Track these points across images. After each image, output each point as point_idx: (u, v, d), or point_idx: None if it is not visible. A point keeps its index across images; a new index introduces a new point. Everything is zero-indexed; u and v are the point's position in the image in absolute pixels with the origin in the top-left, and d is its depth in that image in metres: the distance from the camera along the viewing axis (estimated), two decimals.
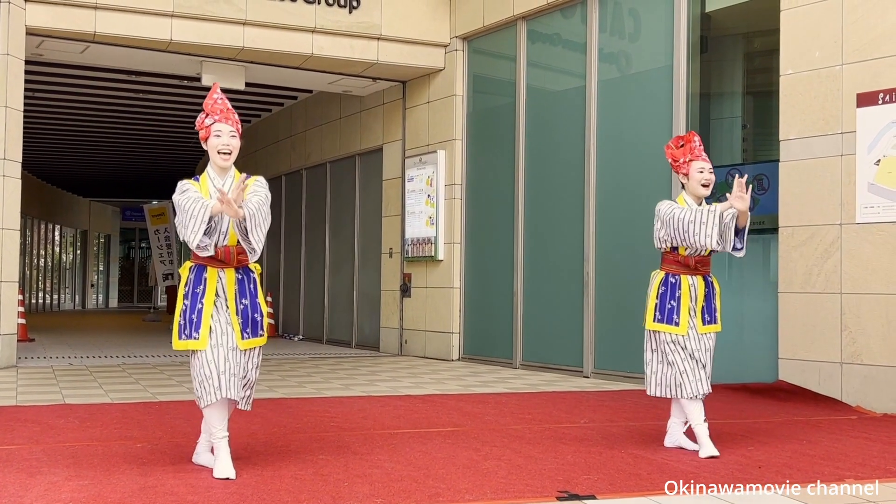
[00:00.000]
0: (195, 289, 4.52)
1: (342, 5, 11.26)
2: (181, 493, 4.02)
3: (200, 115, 4.65)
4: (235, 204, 4.29)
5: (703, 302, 5.34)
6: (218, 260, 4.54)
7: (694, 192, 5.33)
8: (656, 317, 5.31)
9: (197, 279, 4.53)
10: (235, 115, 4.67)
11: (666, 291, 5.31)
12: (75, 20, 10.11)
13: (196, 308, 4.48)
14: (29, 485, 4.15)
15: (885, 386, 6.98)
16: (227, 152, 4.56)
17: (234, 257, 4.56)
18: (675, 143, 5.45)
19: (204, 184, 4.59)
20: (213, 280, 4.52)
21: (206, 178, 4.61)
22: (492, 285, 11.25)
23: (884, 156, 7.06)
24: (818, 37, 7.54)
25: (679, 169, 5.38)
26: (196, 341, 4.45)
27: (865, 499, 4.13)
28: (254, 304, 4.60)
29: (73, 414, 6.41)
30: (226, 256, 4.55)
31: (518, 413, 6.82)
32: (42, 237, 29.82)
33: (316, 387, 8.52)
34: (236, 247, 4.56)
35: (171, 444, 5.23)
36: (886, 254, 7.03)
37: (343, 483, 4.27)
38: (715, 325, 5.38)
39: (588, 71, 9.89)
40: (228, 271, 4.56)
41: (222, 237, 4.53)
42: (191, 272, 4.56)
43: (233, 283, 4.56)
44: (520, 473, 4.54)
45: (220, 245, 4.54)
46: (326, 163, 15.30)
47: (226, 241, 4.54)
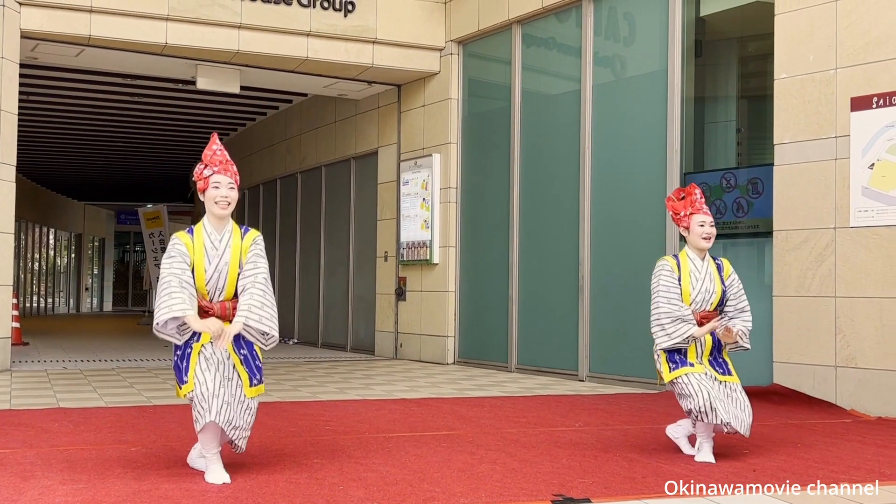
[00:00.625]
0: (191, 341, 4.46)
1: (337, 9, 11.27)
2: (176, 497, 4.01)
3: (199, 166, 4.60)
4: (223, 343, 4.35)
5: (708, 356, 5.26)
6: (215, 315, 4.50)
7: (695, 244, 5.26)
8: (671, 367, 5.19)
9: (194, 333, 4.46)
10: (234, 167, 4.62)
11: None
12: (70, 23, 10.10)
13: (186, 354, 4.44)
14: (23, 488, 4.14)
15: (880, 389, 7.00)
16: (226, 204, 4.51)
17: (230, 311, 4.51)
18: (675, 196, 5.40)
19: (199, 236, 4.51)
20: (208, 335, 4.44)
21: (202, 231, 4.52)
22: (487, 289, 11.25)
23: (878, 160, 7.08)
24: (812, 41, 7.56)
25: (679, 222, 5.34)
26: (187, 385, 4.39)
27: (865, 499, 4.14)
28: (252, 353, 4.57)
29: (67, 418, 6.40)
30: (222, 312, 4.51)
31: (513, 416, 6.82)
32: (36, 241, 29.77)
33: (311, 390, 8.51)
34: (232, 300, 4.53)
35: (165, 448, 5.22)
36: (880, 257, 7.04)
37: (338, 487, 4.26)
38: (730, 376, 5.24)
39: (583, 75, 9.91)
40: (225, 324, 4.50)
41: (219, 293, 4.51)
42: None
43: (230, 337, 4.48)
44: (515, 477, 4.54)
45: (217, 301, 4.51)
46: (321, 166, 15.30)
47: (222, 297, 4.52)
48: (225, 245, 4.50)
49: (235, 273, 4.51)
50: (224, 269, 4.49)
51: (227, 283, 4.50)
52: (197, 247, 4.48)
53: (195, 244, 4.49)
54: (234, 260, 4.51)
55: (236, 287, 4.51)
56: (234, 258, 4.51)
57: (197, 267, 4.46)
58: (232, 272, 4.51)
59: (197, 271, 4.46)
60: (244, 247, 4.55)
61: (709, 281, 5.26)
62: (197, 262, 4.46)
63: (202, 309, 4.48)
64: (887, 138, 7.03)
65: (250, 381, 4.50)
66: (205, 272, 4.46)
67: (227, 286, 4.50)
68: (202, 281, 4.47)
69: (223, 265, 4.49)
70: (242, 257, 4.53)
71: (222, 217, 4.54)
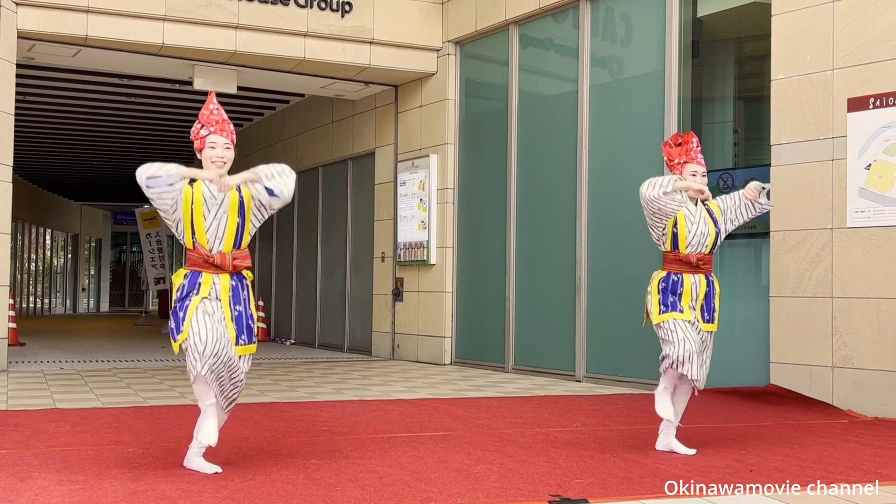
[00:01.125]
0: (189, 293, 4.52)
1: (335, 9, 11.27)
2: (173, 498, 4.01)
3: (196, 125, 4.65)
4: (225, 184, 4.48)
5: (703, 300, 5.37)
6: (213, 265, 4.55)
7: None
8: (661, 309, 5.29)
9: (191, 284, 4.54)
10: (231, 126, 4.69)
11: (667, 287, 5.32)
12: (67, 24, 10.09)
13: (185, 307, 4.50)
14: (20, 489, 4.14)
15: (876, 390, 7.00)
16: (222, 163, 4.58)
17: (229, 262, 4.57)
18: (672, 141, 5.45)
19: (198, 186, 4.58)
20: (208, 285, 4.54)
21: (202, 184, 4.59)
22: (484, 289, 11.26)
23: (874, 160, 7.09)
24: (809, 42, 7.57)
25: (673, 169, 5.40)
26: (182, 334, 4.45)
27: (865, 499, 4.14)
28: (247, 312, 4.64)
29: (64, 418, 6.40)
30: (221, 262, 4.56)
31: (510, 417, 6.82)
32: (33, 241, 29.73)
33: (308, 391, 8.51)
34: (231, 252, 4.57)
35: (162, 449, 5.21)
36: (877, 258, 7.05)
37: (335, 487, 4.26)
38: (711, 324, 5.39)
39: (580, 75, 9.91)
40: (223, 277, 4.58)
41: (218, 242, 4.56)
42: (185, 279, 4.57)
43: (227, 289, 4.58)
44: (512, 477, 4.54)
45: (217, 251, 4.56)
46: (318, 167, 15.30)
47: (221, 247, 4.57)
48: (224, 195, 4.57)
49: (235, 223, 4.59)
50: (223, 217, 4.57)
51: (227, 233, 4.57)
52: (196, 196, 4.54)
53: (195, 193, 4.55)
54: (233, 209, 4.58)
55: (235, 238, 4.58)
56: (233, 207, 4.58)
57: (196, 215, 4.53)
58: (231, 221, 4.58)
59: (196, 220, 4.53)
60: (245, 191, 4.62)
61: (703, 224, 5.38)
62: (196, 210, 4.53)
63: (204, 259, 4.54)
64: (884, 139, 7.04)
65: (237, 339, 4.54)
66: (204, 219, 4.54)
67: (227, 236, 4.57)
68: (202, 229, 4.54)
69: (222, 213, 4.57)
70: (247, 201, 4.60)
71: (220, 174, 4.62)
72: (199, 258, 4.55)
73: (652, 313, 5.34)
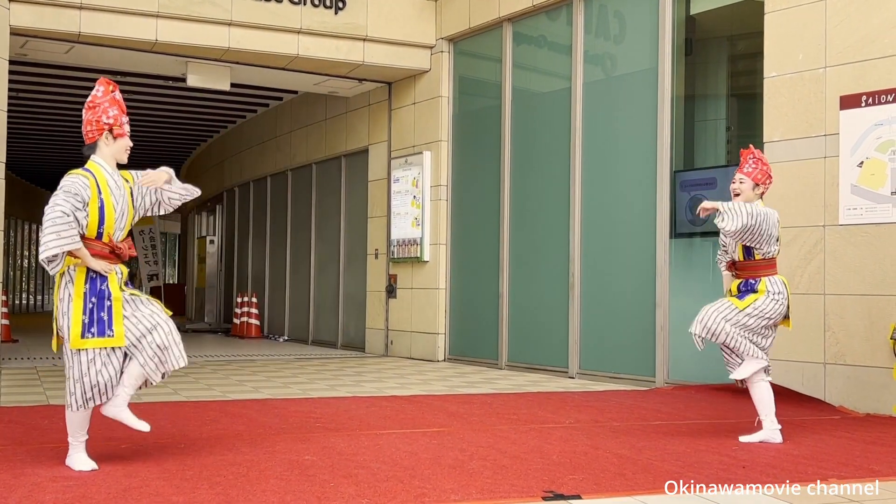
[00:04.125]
0: (100, 286, 4.51)
1: (328, 6, 11.25)
2: (166, 494, 4.00)
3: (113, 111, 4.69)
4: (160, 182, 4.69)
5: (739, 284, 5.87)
6: (117, 255, 4.62)
7: None
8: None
9: (101, 277, 4.53)
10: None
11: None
12: (60, 20, 10.06)
13: (105, 306, 4.50)
14: (13, 486, 4.13)
15: (868, 386, 7.02)
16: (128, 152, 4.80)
17: (127, 252, 4.67)
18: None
19: (101, 176, 4.59)
20: (114, 276, 4.57)
21: (102, 171, 4.62)
22: (477, 286, 11.26)
23: (867, 158, 7.10)
24: (802, 40, 7.58)
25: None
26: (111, 338, 4.49)
27: (865, 499, 4.15)
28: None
29: (57, 414, 6.36)
30: (123, 252, 4.64)
31: (503, 413, 6.83)
32: (26, 238, 29.66)
33: (301, 387, 8.51)
34: (126, 239, 4.68)
35: (155, 445, 5.20)
36: (869, 255, 7.07)
37: (329, 483, 4.26)
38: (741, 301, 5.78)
39: (573, 73, 9.91)
40: (122, 266, 4.68)
41: (120, 232, 4.63)
42: (90, 270, 4.52)
43: (125, 277, 4.69)
44: (505, 474, 4.54)
45: (119, 240, 4.62)
46: (312, 164, 15.28)
47: (121, 236, 4.64)
48: (122, 187, 4.66)
49: (132, 214, 4.72)
50: (125, 207, 4.66)
51: (127, 223, 4.68)
52: (102, 186, 4.58)
53: (100, 184, 4.57)
54: (129, 199, 4.70)
55: (129, 229, 4.72)
56: (129, 198, 4.70)
57: (107, 206, 4.56)
58: (130, 211, 4.69)
59: (108, 210, 4.56)
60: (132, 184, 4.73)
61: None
62: (106, 200, 4.56)
63: (112, 249, 4.58)
64: (876, 136, 7.05)
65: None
66: (114, 210, 4.58)
67: (126, 226, 4.68)
68: (112, 219, 4.57)
69: (125, 204, 4.65)
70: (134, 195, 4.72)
71: (122, 162, 4.75)
72: (104, 248, 4.55)
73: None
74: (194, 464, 4.67)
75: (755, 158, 5.82)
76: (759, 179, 5.78)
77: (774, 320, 5.74)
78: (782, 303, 5.71)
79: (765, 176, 5.79)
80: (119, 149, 4.70)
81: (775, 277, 5.75)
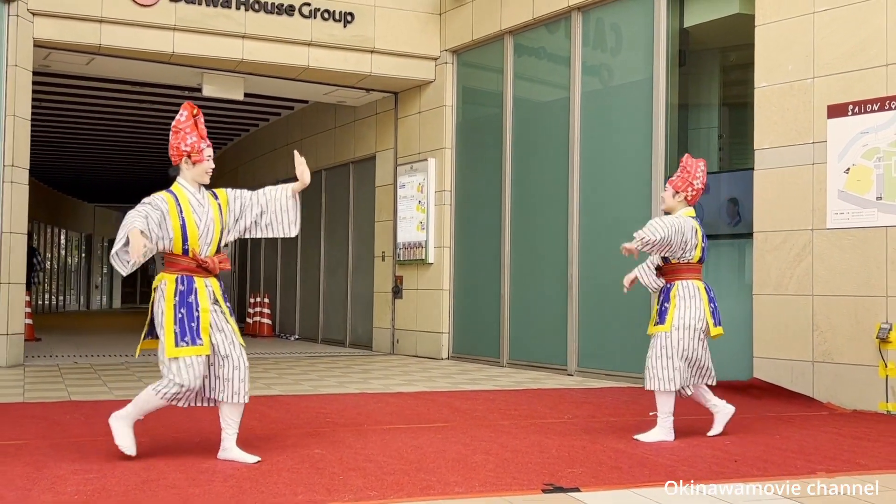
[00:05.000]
0: (187, 298, 4.54)
1: (337, 20, 11.26)
2: (182, 486, 4.00)
3: (192, 139, 4.67)
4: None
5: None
6: (205, 269, 4.61)
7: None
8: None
9: (189, 289, 4.56)
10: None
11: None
12: (81, 33, 10.08)
13: (194, 316, 4.53)
14: (36, 478, 4.14)
15: (854, 383, 7.01)
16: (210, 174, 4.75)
17: (216, 265, 4.66)
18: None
19: (182, 195, 4.63)
20: (203, 289, 4.59)
21: (183, 191, 4.66)
22: (480, 287, 11.25)
23: (853, 164, 7.10)
24: (791, 51, 7.57)
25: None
26: (200, 347, 4.52)
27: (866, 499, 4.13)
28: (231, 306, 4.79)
29: (78, 410, 6.39)
30: (213, 266, 4.64)
31: (505, 409, 6.82)
32: (48, 241, 29.68)
33: (311, 384, 8.51)
34: (216, 255, 4.66)
35: (172, 440, 5.21)
36: (855, 258, 7.06)
37: (338, 476, 4.26)
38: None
39: (572, 83, 9.91)
40: (213, 280, 4.67)
41: (207, 247, 4.63)
42: (178, 283, 4.56)
43: (219, 290, 4.68)
44: (507, 467, 4.54)
45: (206, 255, 4.62)
46: (322, 170, 15.28)
47: (208, 251, 4.65)
48: (207, 204, 4.68)
49: (220, 229, 4.70)
50: (211, 224, 4.66)
51: (214, 238, 4.66)
52: (183, 205, 4.61)
53: (181, 203, 4.60)
54: (216, 216, 4.69)
55: (218, 244, 4.69)
56: (216, 215, 4.69)
57: (189, 223, 4.58)
58: (217, 227, 4.68)
59: (189, 226, 4.58)
60: (223, 203, 4.76)
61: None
62: (187, 217, 4.58)
63: (199, 264, 4.60)
64: (862, 144, 7.05)
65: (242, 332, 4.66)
66: (197, 227, 4.59)
67: (213, 241, 4.66)
68: (195, 236, 4.59)
69: (210, 221, 4.65)
70: (224, 213, 4.73)
71: (205, 184, 4.75)
72: (190, 263, 4.58)
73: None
74: (209, 457, 4.67)
75: (682, 167, 5.76)
76: (680, 187, 5.70)
77: (701, 329, 5.53)
78: (698, 306, 5.53)
79: (685, 184, 5.69)
80: (198, 173, 4.69)
81: (687, 282, 5.58)
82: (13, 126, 9.59)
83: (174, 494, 3.86)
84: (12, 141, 9.58)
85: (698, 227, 5.66)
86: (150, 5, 10.29)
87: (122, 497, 3.80)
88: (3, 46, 9.58)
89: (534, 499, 3.94)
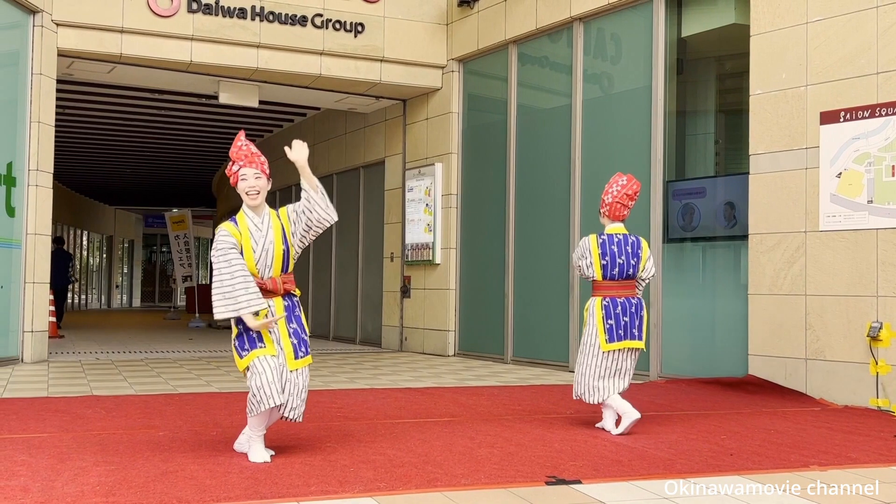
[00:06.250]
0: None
1: (348, 30, 11.27)
2: (200, 478, 4.01)
3: (229, 164, 4.65)
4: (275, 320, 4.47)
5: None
6: (266, 291, 4.52)
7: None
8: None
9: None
10: (261, 158, 4.65)
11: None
12: (103, 43, 10.10)
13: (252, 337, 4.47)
14: (59, 469, 4.14)
15: (846, 380, 6.99)
16: (255, 192, 4.55)
17: (280, 286, 4.55)
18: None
19: (242, 222, 4.54)
20: (264, 310, 4.48)
21: (244, 217, 4.56)
22: (485, 287, 11.25)
23: (845, 169, 7.08)
24: (785, 60, 7.56)
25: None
26: (263, 349, 4.43)
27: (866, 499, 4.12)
28: (301, 326, 4.62)
29: (100, 404, 6.40)
30: (273, 287, 4.54)
31: (509, 404, 6.82)
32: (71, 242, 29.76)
33: (323, 380, 8.51)
34: (281, 276, 4.56)
35: (190, 433, 5.21)
36: (847, 259, 7.04)
37: (349, 468, 4.26)
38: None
39: (573, 91, 9.90)
40: (277, 300, 4.56)
41: (267, 270, 4.53)
42: None
43: (282, 311, 4.55)
44: (511, 460, 4.53)
45: (267, 277, 4.53)
46: (333, 174, 15.29)
47: (271, 273, 4.54)
48: (267, 226, 4.55)
49: (281, 250, 4.56)
50: (270, 247, 4.54)
51: (275, 260, 4.54)
52: (242, 230, 4.52)
53: (240, 229, 4.52)
54: (277, 238, 4.56)
55: (282, 264, 4.55)
56: (277, 236, 4.56)
57: (245, 249, 4.50)
58: (277, 249, 4.55)
59: (246, 253, 4.49)
60: (284, 220, 4.62)
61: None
62: (245, 244, 4.50)
63: (262, 287, 4.50)
64: (854, 149, 7.03)
65: (295, 354, 4.52)
66: (253, 252, 4.50)
67: (275, 262, 4.55)
68: (251, 261, 4.50)
69: (269, 244, 4.53)
70: (287, 230, 4.60)
71: (255, 206, 4.58)
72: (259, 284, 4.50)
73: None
74: (225, 450, 4.68)
75: (609, 184, 5.78)
76: (601, 206, 5.84)
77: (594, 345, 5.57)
78: (591, 322, 5.59)
79: (601, 203, 5.82)
80: (241, 194, 4.60)
81: (592, 300, 5.70)
82: (38, 132, 9.61)
83: (192, 485, 3.86)
84: (37, 146, 9.61)
85: (596, 246, 5.63)
86: (170, 16, 10.31)
87: (142, 488, 3.81)
88: (28, 55, 9.61)
89: (537, 491, 3.93)
